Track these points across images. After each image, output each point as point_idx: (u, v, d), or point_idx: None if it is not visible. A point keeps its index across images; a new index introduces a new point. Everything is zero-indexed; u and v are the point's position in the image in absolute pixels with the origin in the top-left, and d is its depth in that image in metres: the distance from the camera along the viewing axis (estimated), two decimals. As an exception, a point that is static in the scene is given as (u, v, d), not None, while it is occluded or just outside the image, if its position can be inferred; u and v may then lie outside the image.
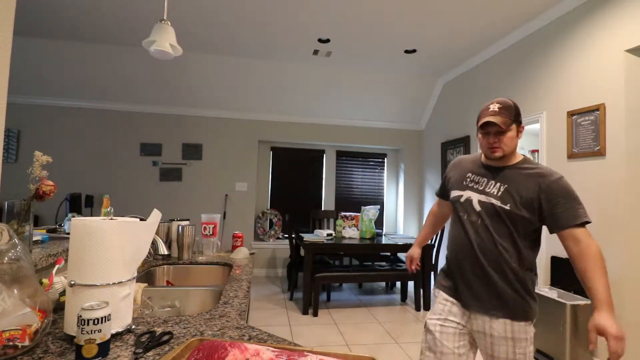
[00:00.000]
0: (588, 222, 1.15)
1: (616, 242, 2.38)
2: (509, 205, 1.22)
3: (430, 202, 5.09)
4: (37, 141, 4.35)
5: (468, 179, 1.37)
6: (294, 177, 5.30)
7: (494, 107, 1.25)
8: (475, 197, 1.31)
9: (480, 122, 1.27)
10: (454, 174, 1.46)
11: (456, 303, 1.33)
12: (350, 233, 4.08)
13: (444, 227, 4.33)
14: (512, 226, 1.23)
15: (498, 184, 1.27)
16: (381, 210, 5.49)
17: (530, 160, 1.30)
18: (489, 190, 1.28)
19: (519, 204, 1.21)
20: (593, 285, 1.08)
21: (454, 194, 1.40)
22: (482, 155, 1.38)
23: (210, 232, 1.93)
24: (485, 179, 1.32)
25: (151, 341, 0.77)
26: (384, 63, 4.26)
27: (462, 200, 1.35)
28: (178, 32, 2.12)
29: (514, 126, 1.26)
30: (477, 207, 1.29)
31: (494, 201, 1.25)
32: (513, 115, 1.25)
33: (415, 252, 1.71)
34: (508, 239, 1.23)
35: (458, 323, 1.29)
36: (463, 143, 4.20)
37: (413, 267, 1.70)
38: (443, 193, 1.58)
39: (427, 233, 1.72)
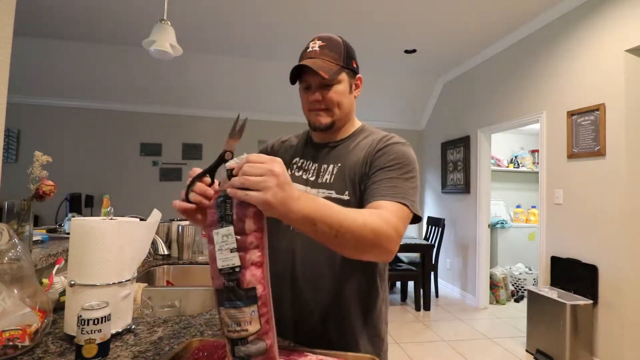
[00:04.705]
0: (410, 209, 0.78)
1: (616, 242, 2.38)
2: (347, 193, 0.84)
3: (430, 202, 5.09)
4: (37, 141, 4.34)
5: (295, 166, 0.95)
6: (294, 177, 5.30)
7: (314, 46, 0.87)
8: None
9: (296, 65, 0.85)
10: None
11: None
12: (350, 233, 4.07)
13: (443, 223, 4.30)
14: None
15: (331, 166, 0.89)
16: (381, 210, 5.47)
17: (370, 127, 0.96)
18: (323, 180, 0.88)
19: (358, 188, 0.84)
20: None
21: None
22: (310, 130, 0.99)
23: (210, 232, 1.93)
24: (316, 164, 0.92)
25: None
26: (384, 63, 4.26)
27: None
28: (178, 32, 2.12)
29: (344, 75, 0.87)
30: None
31: (328, 192, 0.86)
32: (343, 58, 0.86)
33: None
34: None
35: None
36: (463, 143, 4.20)
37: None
38: None
39: None
